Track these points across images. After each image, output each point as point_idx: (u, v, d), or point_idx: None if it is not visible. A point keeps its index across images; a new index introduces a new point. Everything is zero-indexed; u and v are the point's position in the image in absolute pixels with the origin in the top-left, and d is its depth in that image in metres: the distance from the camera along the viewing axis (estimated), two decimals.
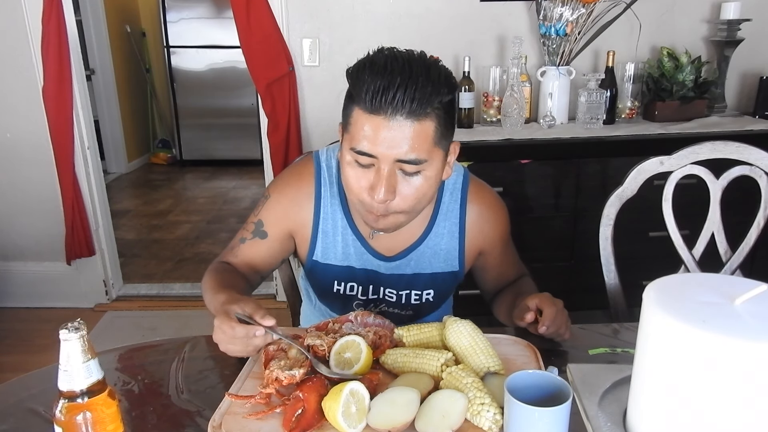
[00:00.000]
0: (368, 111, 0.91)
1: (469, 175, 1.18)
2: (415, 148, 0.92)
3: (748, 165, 1.31)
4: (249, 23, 2.46)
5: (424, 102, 0.90)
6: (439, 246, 1.16)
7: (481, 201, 1.17)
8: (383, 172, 0.94)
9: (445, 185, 1.15)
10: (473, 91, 2.44)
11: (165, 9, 4.97)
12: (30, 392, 0.96)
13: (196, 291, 3.03)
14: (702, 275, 1.05)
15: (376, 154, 0.93)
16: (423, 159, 0.94)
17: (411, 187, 0.96)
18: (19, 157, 2.73)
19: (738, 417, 0.65)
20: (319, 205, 1.13)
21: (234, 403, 0.88)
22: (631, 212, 1.36)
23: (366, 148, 0.93)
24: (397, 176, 0.95)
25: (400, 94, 0.88)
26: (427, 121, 0.92)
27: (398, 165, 0.94)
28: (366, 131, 0.92)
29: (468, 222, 1.16)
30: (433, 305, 1.23)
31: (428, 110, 0.91)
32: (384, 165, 0.93)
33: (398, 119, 0.90)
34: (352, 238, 1.14)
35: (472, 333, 0.96)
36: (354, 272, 1.17)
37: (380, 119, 0.90)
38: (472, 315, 1.01)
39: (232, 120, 5.25)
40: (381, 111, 0.90)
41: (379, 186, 0.94)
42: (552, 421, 0.72)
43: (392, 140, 0.91)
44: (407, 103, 0.89)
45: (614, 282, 1.37)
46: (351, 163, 0.97)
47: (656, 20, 2.56)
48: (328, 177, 1.14)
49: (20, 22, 2.54)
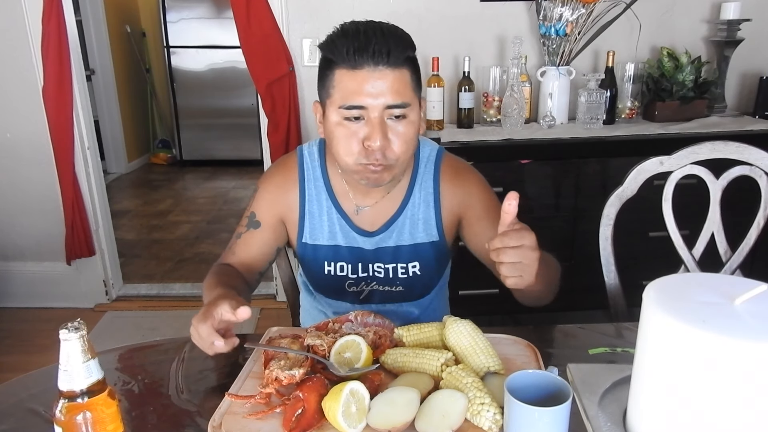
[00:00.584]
0: (352, 68, 1.00)
1: (443, 150, 1.25)
2: (400, 92, 1.01)
3: (748, 165, 1.31)
4: (249, 23, 2.46)
5: (399, 53, 1.01)
6: (417, 216, 1.20)
7: (454, 172, 1.22)
8: (375, 121, 1.01)
9: (420, 158, 1.21)
10: (473, 91, 2.44)
11: (165, 9, 4.97)
12: (30, 392, 0.96)
13: (196, 291, 3.03)
14: (702, 275, 1.05)
15: (365, 105, 1.01)
16: (407, 102, 1.03)
17: (400, 133, 1.04)
18: (19, 157, 2.73)
19: (738, 417, 0.65)
20: (303, 188, 1.20)
21: (234, 403, 0.88)
22: (631, 212, 1.36)
23: (356, 101, 1.00)
24: (386, 123, 1.02)
25: (377, 47, 0.99)
26: (403, 69, 1.02)
27: (387, 112, 1.02)
28: (353, 86, 1.00)
29: (442, 191, 1.20)
30: (423, 281, 1.25)
31: (402, 60, 1.02)
32: (374, 113, 1.01)
33: (380, 69, 1.00)
34: (336, 216, 1.20)
35: (472, 333, 0.96)
36: (341, 251, 1.21)
37: (364, 72, 1.00)
38: (472, 315, 1.01)
39: (232, 120, 5.25)
40: (364, 65, 0.99)
41: (374, 133, 1.01)
42: (552, 421, 0.72)
43: (379, 89, 1.00)
44: (385, 54, 0.99)
45: (614, 282, 1.37)
46: (341, 124, 1.04)
47: (656, 20, 2.56)
48: (311, 162, 1.21)
49: (20, 22, 2.54)
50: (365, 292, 1.25)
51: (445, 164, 1.22)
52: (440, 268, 1.30)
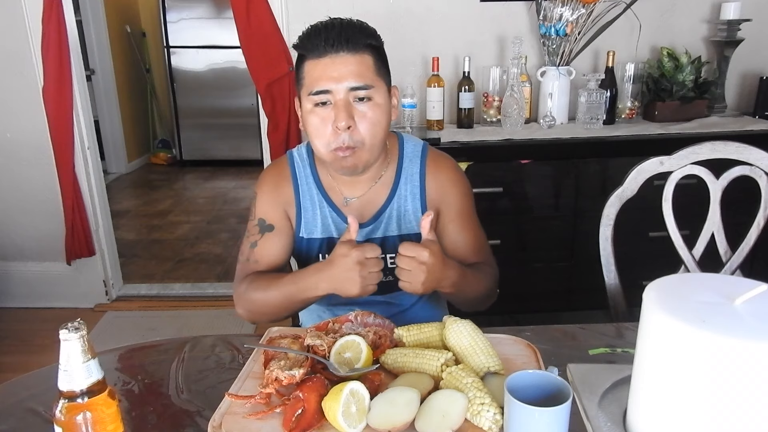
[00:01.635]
0: (317, 57, 1.09)
1: (428, 146, 1.29)
2: (362, 74, 1.09)
3: (748, 165, 1.31)
4: (249, 23, 2.46)
5: (358, 39, 1.09)
6: (404, 208, 1.24)
7: (439, 167, 1.26)
8: (340, 103, 1.08)
9: (405, 153, 1.25)
10: (473, 91, 2.44)
11: (165, 9, 4.97)
12: (30, 392, 0.96)
13: (196, 291, 3.03)
14: (702, 275, 1.05)
15: (330, 89, 1.08)
16: (370, 84, 1.09)
17: (365, 114, 1.10)
18: (19, 157, 2.73)
19: (738, 417, 0.65)
20: (297, 184, 1.25)
21: (234, 403, 0.88)
22: (631, 212, 1.36)
23: (321, 86, 1.08)
24: (352, 105, 1.09)
25: (337, 35, 1.07)
26: (364, 54, 1.10)
27: (351, 94, 1.09)
28: (318, 73, 1.08)
29: (427, 184, 1.24)
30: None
31: (363, 46, 1.09)
32: (339, 95, 1.08)
33: (341, 55, 1.08)
34: (328, 209, 1.24)
35: (472, 333, 0.96)
36: (334, 243, 1.22)
37: (327, 59, 1.08)
38: (472, 315, 1.02)
39: (232, 120, 5.25)
40: (327, 53, 1.08)
41: (339, 113, 1.08)
42: (552, 421, 0.72)
43: (341, 72, 1.07)
44: (344, 41, 1.07)
45: (614, 282, 1.37)
46: (311, 111, 1.11)
47: (656, 20, 2.56)
48: (300, 161, 1.27)
49: (20, 22, 2.54)
50: None
51: (430, 159, 1.26)
52: None
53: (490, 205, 2.28)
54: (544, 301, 2.49)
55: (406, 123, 2.44)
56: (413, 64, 2.56)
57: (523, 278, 2.40)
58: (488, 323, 1.05)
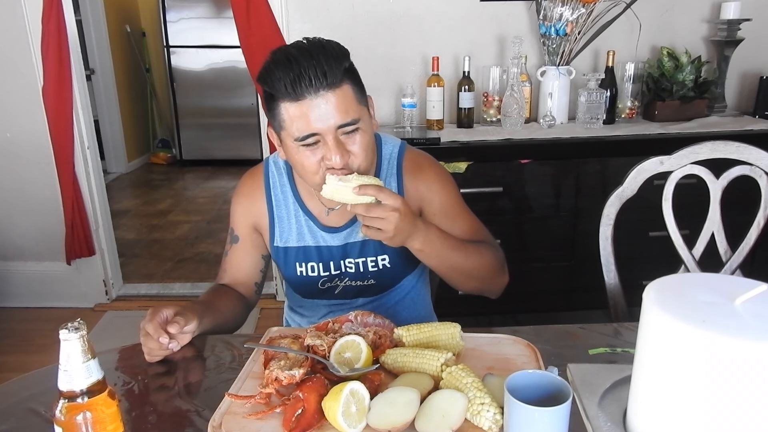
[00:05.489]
0: (294, 100, 1.01)
1: (406, 146, 1.28)
2: (347, 110, 1.03)
3: (748, 165, 1.31)
4: (249, 23, 2.45)
5: (334, 72, 1.01)
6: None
7: (416, 166, 1.24)
8: (331, 143, 1.03)
9: (383, 155, 1.24)
10: (473, 91, 2.44)
11: (165, 9, 4.97)
12: (30, 392, 0.96)
13: (196, 291, 3.02)
14: (702, 275, 1.05)
15: (318, 131, 1.03)
16: (357, 118, 1.05)
17: (356, 144, 1.07)
18: (19, 157, 2.73)
19: (738, 417, 0.65)
20: (270, 194, 1.25)
21: (234, 403, 0.88)
22: (631, 212, 1.36)
23: (308, 130, 1.02)
24: (341, 141, 1.05)
25: (312, 74, 0.99)
26: (343, 86, 1.03)
27: (339, 131, 1.04)
28: (301, 117, 1.02)
29: (405, 185, 1.23)
30: (394, 272, 1.27)
31: (340, 76, 1.02)
32: (328, 136, 1.03)
33: (321, 94, 1.01)
34: (304, 218, 1.24)
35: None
36: (310, 251, 1.25)
37: (307, 101, 1.01)
38: (472, 315, 1.01)
39: (231, 120, 5.25)
40: (305, 94, 1.00)
41: (332, 154, 1.03)
42: (552, 421, 0.72)
43: (326, 113, 1.02)
44: (322, 78, 1.00)
45: (614, 282, 1.37)
46: (300, 151, 1.06)
47: (656, 20, 2.56)
48: (276, 169, 1.26)
49: (20, 22, 2.54)
50: (339, 288, 1.28)
51: (407, 159, 1.25)
52: (411, 259, 1.28)
53: (490, 204, 2.28)
54: (544, 301, 2.49)
55: (406, 123, 2.44)
56: (413, 63, 2.56)
57: (523, 278, 2.39)
58: (488, 323, 1.06)
